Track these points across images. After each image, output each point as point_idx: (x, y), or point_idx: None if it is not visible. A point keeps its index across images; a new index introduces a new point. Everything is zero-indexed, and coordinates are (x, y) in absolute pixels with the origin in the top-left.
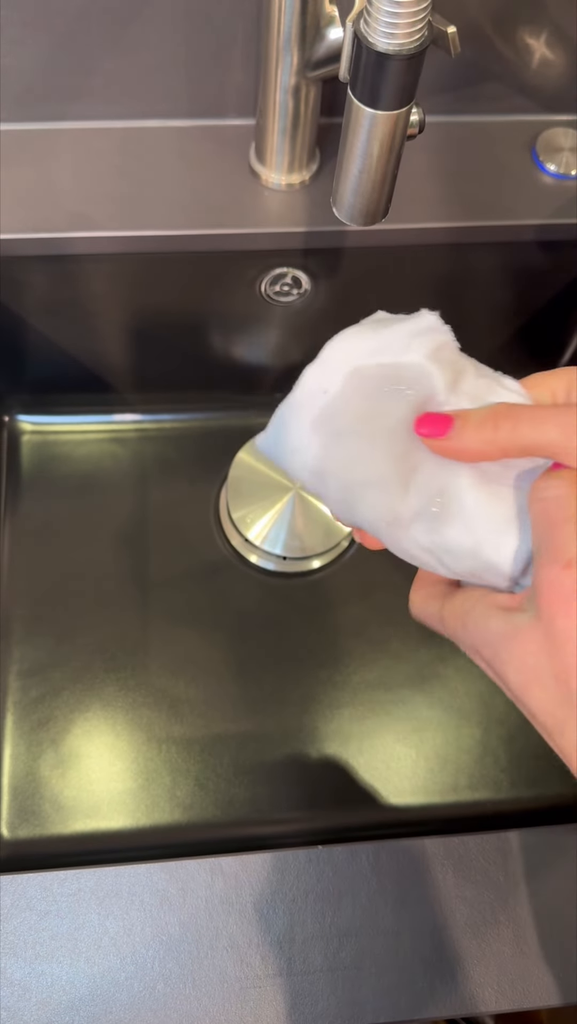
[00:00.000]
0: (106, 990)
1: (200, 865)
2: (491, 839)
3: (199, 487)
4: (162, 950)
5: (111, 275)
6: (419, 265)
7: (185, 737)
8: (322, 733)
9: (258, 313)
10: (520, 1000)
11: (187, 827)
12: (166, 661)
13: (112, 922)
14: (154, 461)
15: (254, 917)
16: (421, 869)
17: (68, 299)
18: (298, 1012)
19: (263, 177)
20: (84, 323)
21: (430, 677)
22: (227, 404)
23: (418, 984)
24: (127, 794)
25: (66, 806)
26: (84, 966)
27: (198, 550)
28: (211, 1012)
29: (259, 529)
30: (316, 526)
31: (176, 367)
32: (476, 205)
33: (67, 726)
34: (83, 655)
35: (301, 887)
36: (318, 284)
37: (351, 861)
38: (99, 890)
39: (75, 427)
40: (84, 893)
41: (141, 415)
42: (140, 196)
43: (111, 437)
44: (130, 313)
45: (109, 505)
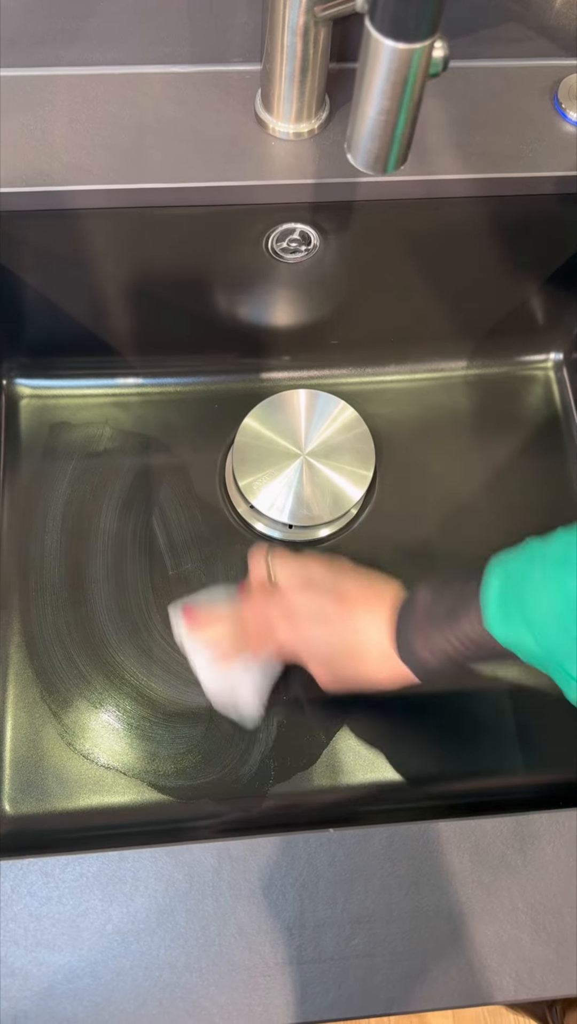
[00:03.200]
0: (109, 979)
1: (207, 849)
2: (508, 822)
3: (204, 453)
4: (168, 938)
5: (110, 231)
6: (434, 220)
7: (191, 709)
8: (331, 707)
9: (265, 271)
10: (539, 989)
11: (194, 801)
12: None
13: (116, 908)
14: (157, 426)
15: (263, 903)
16: (436, 853)
17: (65, 257)
18: (309, 1001)
19: (269, 126)
20: (83, 282)
21: None
22: (233, 367)
23: (433, 972)
24: (132, 767)
25: (70, 780)
26: (86, 954)
27: (203, 518)
28: (219, 1002)
29: (266, 497)
30: (324, 494)
31: (180, 328)
32: (494, 156)
33: (70, 698)
34: (86, 625)
35: (312, 872)
36: (328, 240)
37: (364, 845)
38: (102, 875)
39: (75, 391)
40: (87, 878)
41: (143, 379)
42: (140, 147)
43: (113, 402)
44: (131, 271)
45: (111, 472)
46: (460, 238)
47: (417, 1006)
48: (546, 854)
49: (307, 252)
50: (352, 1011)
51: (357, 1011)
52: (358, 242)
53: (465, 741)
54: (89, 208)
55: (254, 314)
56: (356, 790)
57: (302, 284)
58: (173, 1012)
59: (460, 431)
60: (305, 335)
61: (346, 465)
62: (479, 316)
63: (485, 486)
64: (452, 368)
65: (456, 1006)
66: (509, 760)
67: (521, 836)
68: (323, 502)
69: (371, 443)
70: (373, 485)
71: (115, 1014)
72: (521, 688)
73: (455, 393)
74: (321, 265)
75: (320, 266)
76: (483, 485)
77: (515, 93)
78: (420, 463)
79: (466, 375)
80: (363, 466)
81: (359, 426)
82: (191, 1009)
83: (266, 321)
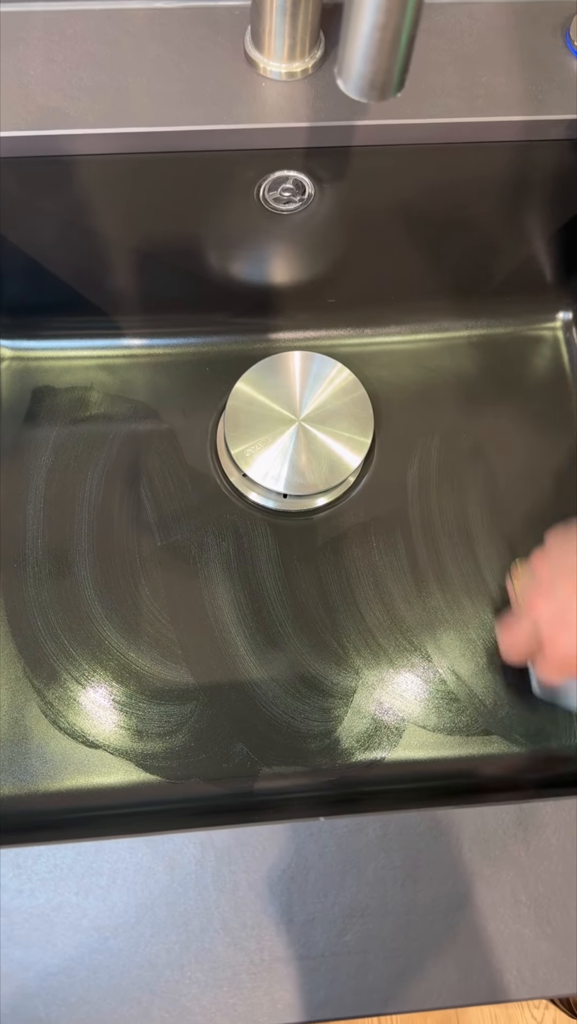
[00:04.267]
0: (84, 977)
1: (189, 839)
2: (510, 810)
3: (194, 419)
4: (147, 933)
5: (90, 180)
6: (436, 167)
7: (180, 684)
8: (328, 680)
9: (257, 224)
10: (542, 988)
11: (183, 782)
12: (162, 604)
13: (91, 902)
14: (145, 391)
15: (249, 896)
16: (434, 843)
17: (44, 209)
18: (298, 1001)
19: (260, 66)
20: (65, 237)
21: (440, 622)
22: (224, 328)
23: (430, 969)
24: (119, 747)
25: (54, 760)
26: (60, 950)
27: (194, 487)
28: (201, 1001)
29: (259, 465)
30: (320, 462)
31: (167, 287)
32: (500, 98)
33: (54, 674)
34: (71, 598)
35: (301, 863)
36: (323, 190)
37: (357, 834)
38: (77, 867)
39: (59, 353)
40: (61, 870)
41: (130, 340)
42: (121, 88)
43: (99, 364)
44: (114, 224)
45: (96, 439)
46: (464, 188)
47: (413, 1005)
48: (551, 844)
49: (302, 203)
50: (344, 1011)
51: (349, 1011)
52: (356, 192)
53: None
54: (67, 155)
55: (246, 271)
56: (353, 769)
57: (297, 238)
58: (152, 1012)
59: (464, 395)
60: (300, 293)
61: (343, 431)
62: (484, 273)
63: (490, 452)
64: (455, 328)
65: (454, 1005)
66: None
67: (524, 824)
68: (319, 470)
69: (369, 408)
70: (372, 452)
71: (90, 1013)
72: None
73: (458, 355)
74: (317, 217)
75: (316, 218)
76: (488, 451)
77: (524, 30)
78: (421, 428)
79: (470, 336)
80: (361, 432)
81: (357, 390)
82: (171, 1008)
83: (259, 278)
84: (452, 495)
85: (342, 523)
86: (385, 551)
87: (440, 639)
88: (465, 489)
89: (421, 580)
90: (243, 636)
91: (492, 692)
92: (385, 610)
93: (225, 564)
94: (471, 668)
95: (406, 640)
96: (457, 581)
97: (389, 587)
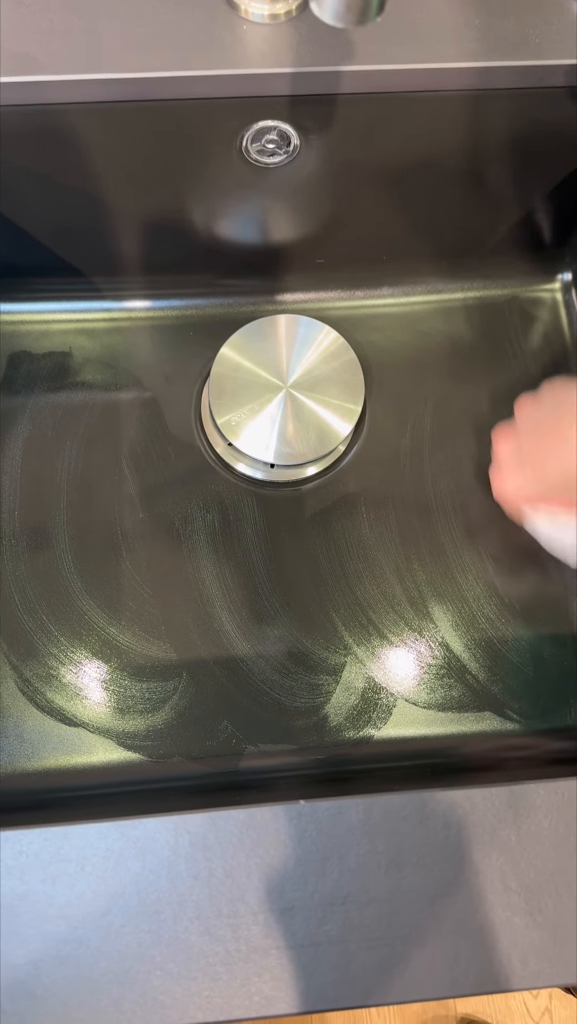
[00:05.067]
0: (51, 968)
1: (162, 823)
2: (501, 793)
3: (177, 386)
4: (116, 923)
5: (63, 131)
6: (429, 117)
7: (164, 660)
8: (316, 656)
9: (241, 178)
10: (533, 978)
11: (165, 760)
12: (144, 578)
13: (59, 890)
14: (126, 356)
15: (225, 884)
16: (419, 827)
17: (14, 162)
18: (276, 992)
19: (241, 7)
20: (38, 193)
21: (432, 595)
22: (208, 290)
23: (415, 960)
24: (99, 725)
25: (32, 739)
26: (25, 940)
27: (177, 456)
28: (174, 993)
29: (245, 433)
30: (309, 430)
31: (148, 247)
32: (495, 42)
33: (33, 649)
34: (50, 571)
35: (279, 849)
36: (310, 141)
37: (338, 818)
38: (44, 853)
39: (36, 316)
40: (27, 857)
41: (110, 303)
42: (93, 32)
43: (78, 328)
44: (90, 180)
45: (75, 406)
46: (458, 140)
47: (397, 997)
48: (543, 828)
49: (287, 155)
50: (324, 1003)
51: (330, 1003)
52: (344, 144)
53: (455, 688)
54: (38, 103)
55: (231, 230)
56: (342, 747)
57: (283, 194)
58: (122, 1004)
59: (459, 360)
60: (288, 254)
61: (333, 399)
62: (480, 232)
63: (485, 420)
64: (450, 290)
65: (441, 997)
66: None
67: (515, 808)
68: (308, 439)
69: (360, 374)
70: (362, 420)
71: (57, 1007)
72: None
73: (453, 318)
74: (303, 171)
75: (302, 172)
76: (483, 419)
77: None
78: (414, 395)
79: (466, 298)
80: (351, 399)
81: (347, 354)
82: (142, 1001)
83: (244, 238)
84: (446, 464)
85: (332, 494)
86: (376, 523)
87: (432, 613)
88: (459, 458)
89: (413, 553)
90: (228, 611)
91: (485, 668)
92: (376, 584)
93: (210, 536)
94: (464, 643)
95: (397, 614)
96: (450, 554)
97: (380, 560)
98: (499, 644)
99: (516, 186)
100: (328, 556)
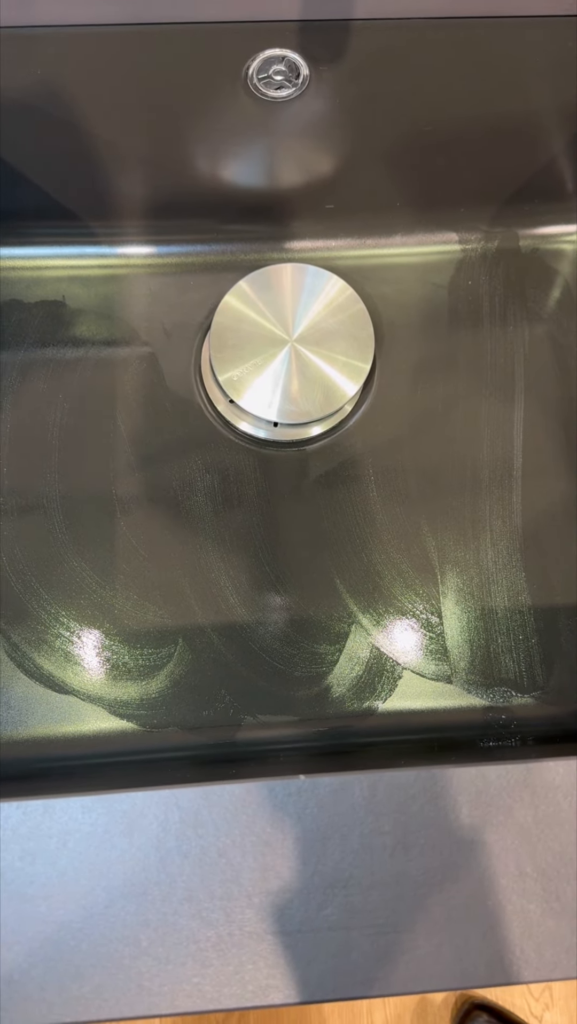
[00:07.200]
0: (28, 951)
1: (151, 798)
2: (517, 770)
3: (176, 338)
4: (100, 904)
5: (54, 60)
6: (450, 46)
7: (159, 626)
8: (319, 624)
9: (246, 113)
10: (548, 970)
11: (160, 731)
12: (140, 541)
13: (39, 868)
14: (122, 306)
15: (218, 864)
16: (428, 806)
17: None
18: (272, 981)
19: None
20: (30, 129)
21: (442, 562)
22: (210, 236)
23: (421, 949)
24: (91, 692)
25: (20, 706)
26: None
27: (177, 414)
28: (160, 980)
29: (248, 390)
30: (314, 387)
31: (146, 188)
32: None
33: (22, 612)
34: (41, 532)
35: (277, 827)
36: (320, 73)
37: (341, 794)
38: (23, 828)
39: (27, 263)
40: (4, 831)
41: (106, 248)
42: None
43: (71, 275)
44: (83, 114)
45: (68, 358)
46: (481, 73)
47: (401, 987)
48: (562, 809)
49: (296, 88)
50: (323, 992)
51: (329, 993)
52: (359, 76)
53: (463, 660)
54: (26, 27)
55: (235, 170)
56: (345, 719)
57: (291, 131)
58: (105, 991)
59: (476, 313)
60: (295, 197)
61: (340, 355)
62: (501, 177)
63: (502, 378)
64: (467, 240)
65: (448, 988)
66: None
67: (532, 787)
68: (313, 397)
69: (370, 327)
70: (371, 378)
71: (34, 991)
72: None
73: (471, 269)
74: (313, 106)
75: (312, 107)
76: (500, 377)
77: None
78: (427, 351)
79: (484, 248)
80: (360, 356)
81: (356, 305)
82: (126, 987)
83: (249, 180)
84: (459, 426)
85: (338, 456)
86: (384, 486)
87: (441, 581)
88: (474, 420)
89: (422, 518)
90: (227, 575)
91: (498, 639)
92: (382, 549)
93: (209, 498)
94: (475, 612)
95: (404, 582)
96: (465, 521)
97: (387, 525)
98: (513, 614)
99: (541, 128)
100: (333, 520)
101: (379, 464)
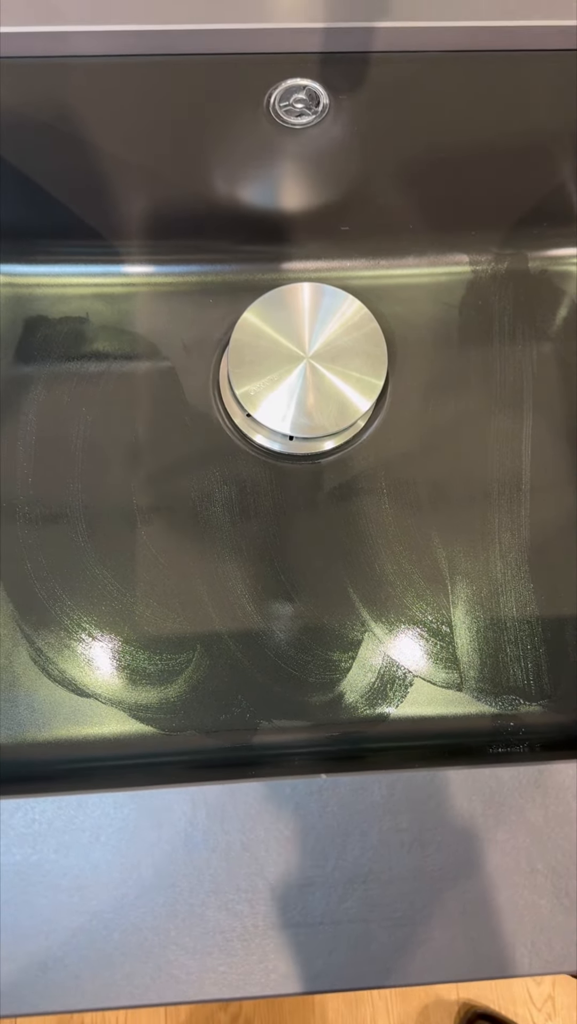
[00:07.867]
0: (63, 939)
1: (179, 794)
2: (529, 771)
3: (196, 354)
4: (131, 894)
5: (84, 87)
6: (466, 78)
7: (178, 632)
8: (333, 631)
9: (266, 139)
10: (558, 962)
11: (178, 734)
12: (159, 549)
13: (72, 860)
14: (144, 323)
15: (243, 857)
16: (444, 805)
17: (31, 119)
18: (294, 970)
19: None
20: (59, 152)
21: (453, 574)
22: (229, 256)
23: (437, 941)
24: (111, 696)
25: (44, 709)
26: (38, 910)
27: (194, 426)
28: (189, 968)
29: (265, 405)
30: (329, 402)
31: (169, 209)
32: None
33: (46, 619)
34: (64, 540)
35: (300, 823)
36: (340, 101)
37: (361, 793)
38: (58, 821)
39: (53, 280)
40: (40, 824)
41: (129, 267)
42: None
43: (95, 293)
44: (111, 138)
45: (92, 372)
46: (495, 103)
47: (417, 978)
48: (572, 809)
49: (316, 116)
50: (343, 982)
51: (348, 982)
52: (376, 105)
53: (473, 667)
54: (57, 56)
55: (254, 193)
56: (358, 724)
57: (310, 156)
58: (135, 978)
59: (486, 332)
60: (312, 219)
61: (354, 371)
62: (512, 200)
63: (511, 395)
64: (478, 262)
65: (461, 979)
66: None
67: (543, 787)
68: (328, 411)
69: (383, 345)
70: (384, 394)
71: (67, 979)
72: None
73: (481, 290)
74: (332, 133)
75: (330, 134)
76: (509, 394)
77: None
78: (438, 369)
79: (494, 270)
80: (374, 373)
81: (370, 324)
82: (156, 975)
83: (268, 202)
84: (469, 441)
85: (351, 469)
86: (396, 499)
87: (452, 592)
88: (483, 436)
89: (432, 530)
90: (244, 583)
91: (507, 648)
92: (394, 560)
93: (227, 508)
94: (485, 622)
95: (416, 592)
96: (474, 533)
97: (399, 537)
98: (521, 625)
99: (550, 154)
100: (347, 531)
101: (391, 477)
